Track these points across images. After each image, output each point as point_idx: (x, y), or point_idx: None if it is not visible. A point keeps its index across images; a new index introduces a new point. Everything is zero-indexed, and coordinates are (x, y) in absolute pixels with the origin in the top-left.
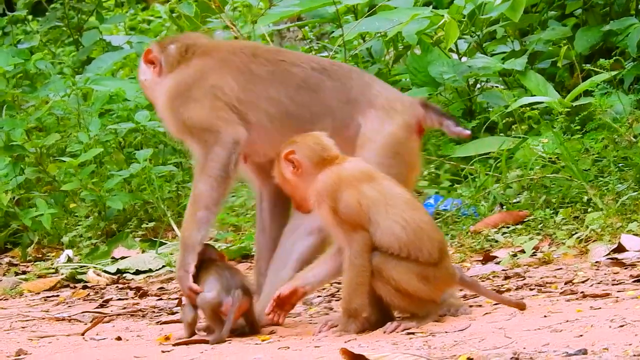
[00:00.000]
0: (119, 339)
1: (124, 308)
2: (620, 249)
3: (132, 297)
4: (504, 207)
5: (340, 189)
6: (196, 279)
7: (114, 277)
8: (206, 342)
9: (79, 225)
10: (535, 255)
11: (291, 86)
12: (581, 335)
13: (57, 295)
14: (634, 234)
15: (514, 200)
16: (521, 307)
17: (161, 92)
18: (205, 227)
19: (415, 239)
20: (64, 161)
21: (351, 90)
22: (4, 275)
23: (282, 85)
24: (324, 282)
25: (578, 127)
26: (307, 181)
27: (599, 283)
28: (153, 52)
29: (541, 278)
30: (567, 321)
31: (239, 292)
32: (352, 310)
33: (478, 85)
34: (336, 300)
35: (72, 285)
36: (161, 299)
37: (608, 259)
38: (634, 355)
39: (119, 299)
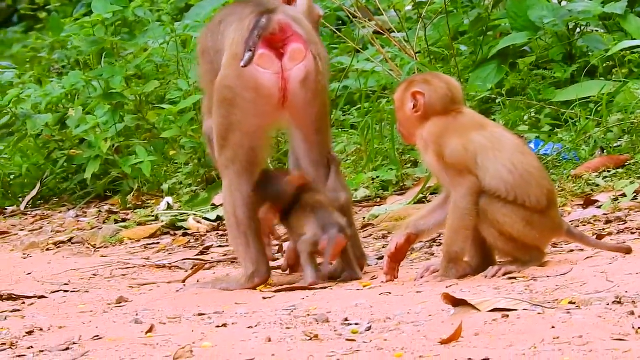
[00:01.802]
0: None
1: (225, 255)
2: None
3: None
4: (605, 151)
5: (445, 136)
6: (291, 220)
7: (214, 224)
8: (307, 288)
9: (178, 172)
10: (637, 199)
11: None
12: None
13: (158, 243)
14: None
15: (615, 144)
16: (627, 250)
17: None
18: None
19: (523, 182)
20: (164, 108)
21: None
22: (104, 223)
23: None
24: (434, 229)
25: None
26: (420, 121)
27: None
28: None
29: None
30: None
31: (335, 230)
32: (452, 253)
33: (578, 30)
34: (437, 246)
35: (172, 232)
36: None
37: None
38: None
39: (220, 246)
